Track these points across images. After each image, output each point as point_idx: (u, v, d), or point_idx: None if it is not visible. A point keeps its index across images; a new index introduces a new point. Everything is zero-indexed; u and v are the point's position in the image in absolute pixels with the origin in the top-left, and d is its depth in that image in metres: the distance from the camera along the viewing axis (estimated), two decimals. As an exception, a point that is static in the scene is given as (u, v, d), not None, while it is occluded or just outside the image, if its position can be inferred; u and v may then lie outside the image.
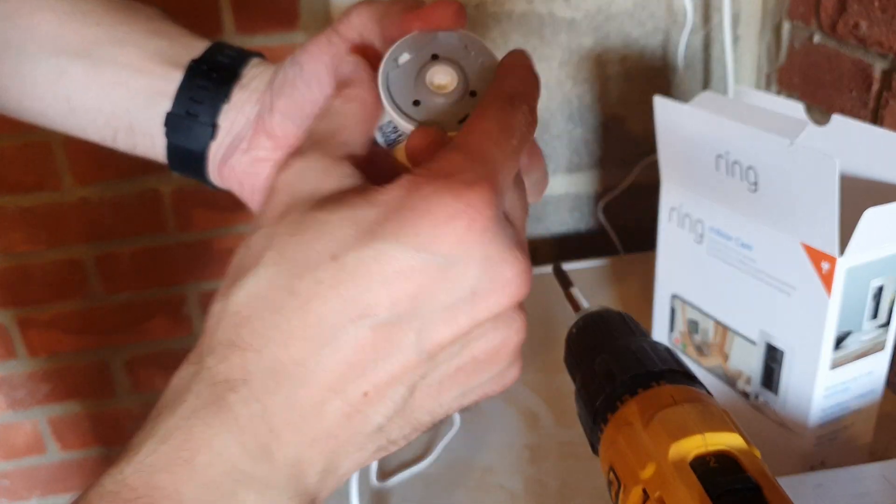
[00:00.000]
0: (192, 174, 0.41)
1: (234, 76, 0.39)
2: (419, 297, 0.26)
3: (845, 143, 0.53)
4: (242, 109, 0.38)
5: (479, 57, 0.33)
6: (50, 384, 1.09)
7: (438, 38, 0.33)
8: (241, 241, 0.29)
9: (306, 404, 0.26)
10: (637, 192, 0.98)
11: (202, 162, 0.39)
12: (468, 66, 0.33)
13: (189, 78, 0.38)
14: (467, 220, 0.26)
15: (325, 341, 0.26)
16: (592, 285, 0.87)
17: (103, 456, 1.16)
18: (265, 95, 0.38)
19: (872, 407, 0.56)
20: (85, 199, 0.98)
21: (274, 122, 0.37)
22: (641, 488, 0.29)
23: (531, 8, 0.86)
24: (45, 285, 1.03)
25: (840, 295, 0.49)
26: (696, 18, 0.90)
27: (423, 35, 0.33)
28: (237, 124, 0.39)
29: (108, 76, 0.38)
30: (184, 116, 0.38)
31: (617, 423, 0.32)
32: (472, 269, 0.27)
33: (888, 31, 0.67)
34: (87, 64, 0.38)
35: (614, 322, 0.37)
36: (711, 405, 0.31)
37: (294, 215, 0.27)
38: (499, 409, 0.69)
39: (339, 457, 0.28)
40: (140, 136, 0.39)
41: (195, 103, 0.38)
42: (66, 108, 0.39)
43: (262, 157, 0.38)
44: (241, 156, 0.38)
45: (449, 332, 0.27)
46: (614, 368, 0.34)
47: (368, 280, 0.26)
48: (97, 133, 0.40)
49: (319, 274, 0.26)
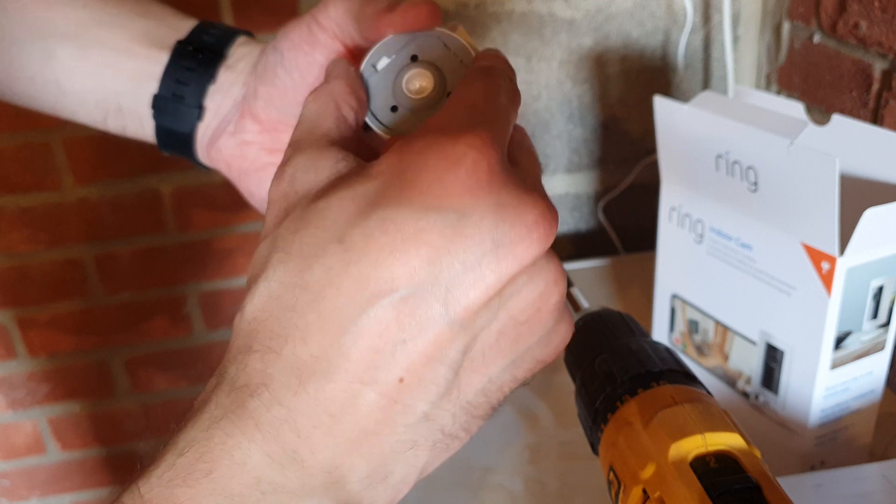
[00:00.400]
0: (180, 154, 0.40)
1: (220, 57, 0.38)
2: (436, 260, 0.24)
3: (845, 143, 0.53)
4: (229, 91, 0.38)
5: (458, 55, 0.32)
6: (50, 384, 1.09)
7: (416, 38, 0.32)
8: (241, 241, 0.29)
9: (335, 401, 0.24)
10: (637, 192, 0.98)
11: (190, 143, 0.39)
12: (447, 65, 0.32)
13: (175, 59, 0.37)
14: (471, 163, 0.24)
15: (344, 329, 0.24)
16: (592, 285, 0.87)
17: (103, 456, 1.16)
18: (250, 78, 0.37)
19: (872, 407, 0.56)
20: (85, 199, 0.98)
21: (258, 107, 0.36)
22: (641, 488, 0.29)
23: (531, 8, 0.86)
24: (44, 285, 1.03)
25: (840, 295, 0.49)
26: (696, 18, 0.90)
27: (400, 37, 0.32)
28: (224, 106, 0.38)
29: (96, 59, 0.38)
30: (170, 98, 0.37)
31: (617, 423, 0.32)
32: (487, 218, 0.24)
33: (888, 31, 0.67)
34: (75, 47, 0.38)
35: (614, 322, 0.37)
36: (712, 405, 0.31)
37: (294, 213, 0.26)
38: (499, 409, 0.69)
39: (386, 458, 0.26)
40: (129, 117, 0.39)
41: (181, 85, 0.37)
42: (55, 91, 0.39)
43: (248, 140, 0.37)
44: (228, 138, 0.38)
45: (477, 293, 0.24)
46: (614, 368, 0.34)
47: (378, 254, 0.24)
48: (87, 116, 0.39)
49: (327, 261, 0.24)
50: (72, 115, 0.40)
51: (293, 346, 0.25)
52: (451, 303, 0.24)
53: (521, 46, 0.88)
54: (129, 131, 0.40)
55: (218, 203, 1.00)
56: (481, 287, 0.24)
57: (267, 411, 0.24)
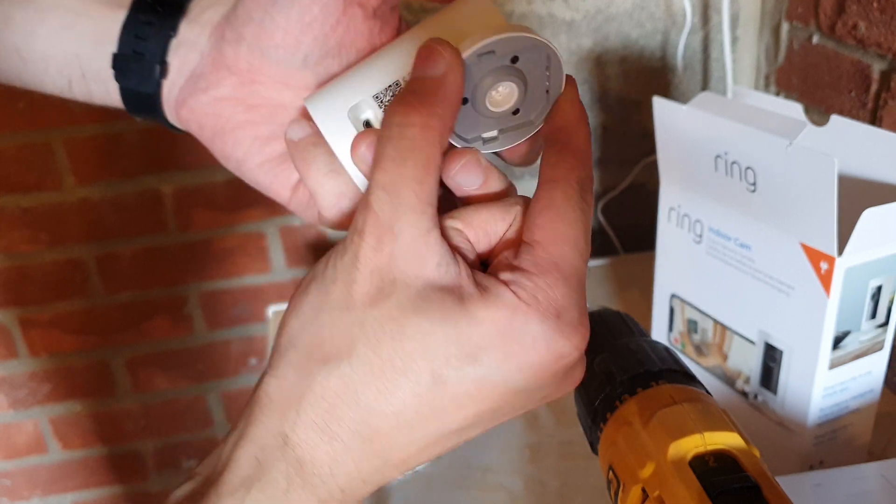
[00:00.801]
0: (150, 118, 0.38)
1: (181, 9, 0.35)
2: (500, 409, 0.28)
3: (844, 143, 0.53)
4: (195, 44, 0.35)
5: (549, 84, 0.30)
6: (51, 384, 1.09)
7: (526, 42, 0.28)
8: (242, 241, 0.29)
9: None
10: (636, 193, 0.98)
11: (157, 103, 0.36)
12: (534, 87, 0.30)
13: (133, 14, 0.35)
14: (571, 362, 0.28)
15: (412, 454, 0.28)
16: (592, 285, 0.87)
17: (104, 455, 1.16)
18: (222, 27, 0.34)
19: (871, 407, 0.56)
20: (85, 199, 0.98)
21: (238, 54, 0.33)
22: (641, 487, 0.29)
23: (531, 9, 0.86)
24: (45, 285, 1.03)
25: (839, 295, 0.49)
26: (695, 19, 0.90)
27: (515, 36, 0.28)
28: (189, 61, 0.35)
29: (54, 21, 0.36)
30: (130, 56, 0.35)
31: (616, 422, 0.32)
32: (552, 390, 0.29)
33: (887, 31, 0.67)
34: (32, 10, 0.35)
35: (613, 322, 0.37)
36: (710, 405, 0.31)
37: (391, 309, 0.27)
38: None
39: None
40: (93, 83, 0.37)
41: (140, 40, 0.35)
42: (17, 59, 0.37)
43: (224, 95, 0.34)
44: (199, 95, 0.34)
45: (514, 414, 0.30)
46: (613, 368, 0.34)
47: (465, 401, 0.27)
48: (52, 83, 0.37)
49: (418, 389, 0.27)
50: (38, 84, 0.37)
51: (361, 445, 0.28)
52: None
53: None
54: (96, 98, 0.37)
55: (219, 203, 1.00)
56: (519, 411, 0.30)
57: (331, 497, 0.28)
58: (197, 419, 1.14)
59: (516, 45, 0.28)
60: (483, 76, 0.29)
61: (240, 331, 1.09)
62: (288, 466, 0.27)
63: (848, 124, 0.53)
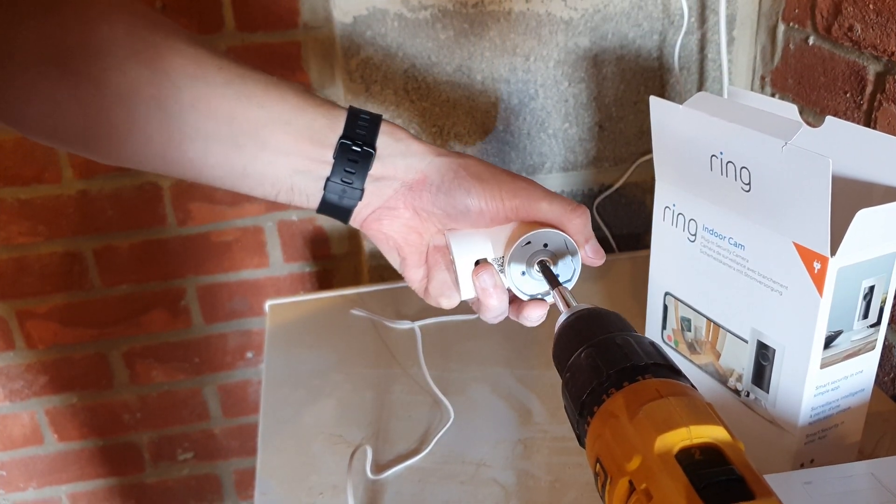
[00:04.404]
0: (334, 218, 0.50)
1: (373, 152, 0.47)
2: None
3: (838, 144, 0.53)
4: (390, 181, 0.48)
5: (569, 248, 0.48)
6: (48, 375, 1.09)
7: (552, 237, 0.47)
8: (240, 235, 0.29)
9: None
10: (631, 192, 0.99)
11: (348, 214, 0.49)
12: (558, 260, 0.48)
13: (340, 154, 0.46)
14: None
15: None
16: (586, 283, 0.88)
17: (100, 447, 1.16)
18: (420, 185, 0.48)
19: (862, 406, 0.56)
20: (84, 191, 0.99)
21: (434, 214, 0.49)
22: (628, 480, 0.29)
23: (529, 7, 0.87)
24: (43, 277, 1.03)
25: (831, 295, 0.49)
26: (692, 20, 0.90)
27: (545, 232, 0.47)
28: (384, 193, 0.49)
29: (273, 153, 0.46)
30: (339, 183, 0.47)
31: (603, 416, 0.32)
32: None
33: (882, 33, 0.67)
34: (257, 142, 0.46)
35: (601, 318, 0.38)
36: (696, 398, 0.31)
37: None
38: (492, 403, 0.70)
39: None
40: (298, 194, 0.48)
41: (348, 173, 0.47)
42: (240, 174, 0.47)
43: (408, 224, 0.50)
44: (391, 221, 0.49)
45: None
46: (600, 362, 0.34)
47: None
48: (262, 192, 0.48)
49: None
50: (248, 190, 0.48)
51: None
52: None
53: (518, 46, 0.88)
54: (294, 202, 0.49)
55: (217, 197, 1.01)
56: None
57: None
58: (193, 412, 1.15)
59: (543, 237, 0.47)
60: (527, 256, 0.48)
61: (237, 324, 1.10)
62: None
63: (843, 125, 0.53)
